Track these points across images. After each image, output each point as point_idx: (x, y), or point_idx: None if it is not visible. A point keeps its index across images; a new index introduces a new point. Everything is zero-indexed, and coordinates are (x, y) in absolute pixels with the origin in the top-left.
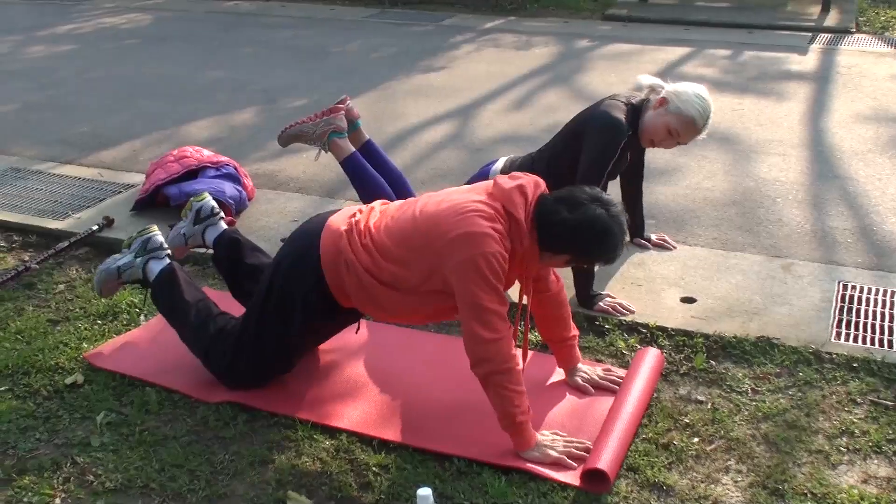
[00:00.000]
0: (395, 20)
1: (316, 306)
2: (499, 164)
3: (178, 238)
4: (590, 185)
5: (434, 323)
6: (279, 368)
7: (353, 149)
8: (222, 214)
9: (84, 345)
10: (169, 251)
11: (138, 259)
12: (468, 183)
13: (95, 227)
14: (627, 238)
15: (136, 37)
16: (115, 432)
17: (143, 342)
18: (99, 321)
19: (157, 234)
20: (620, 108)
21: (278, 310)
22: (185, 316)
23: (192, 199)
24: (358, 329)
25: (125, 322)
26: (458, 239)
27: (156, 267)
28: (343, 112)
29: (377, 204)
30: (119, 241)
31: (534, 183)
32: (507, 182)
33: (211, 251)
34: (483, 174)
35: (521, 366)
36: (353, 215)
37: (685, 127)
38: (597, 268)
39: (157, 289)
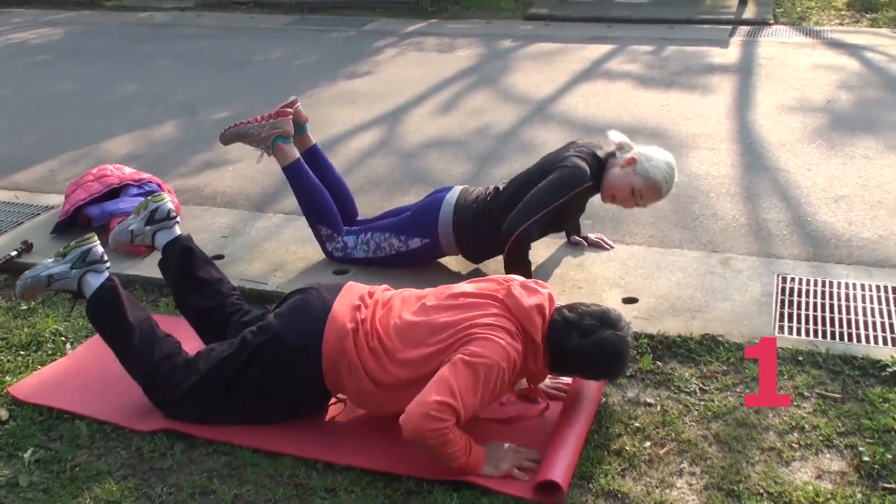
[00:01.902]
0: (315, 27)
1: (306, 394)
2: (452, 194)
3: (125, 234)
4: (533, 210)
5: None
6: (235, 423)
7: (297, 155)
8: (178, 220)
9: (7, 378)
10: (109, 264)
11: (74, 270)
12: (416, 208)
13: (14, 253)
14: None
15: (46, 52)
16: (45, 470)
17: (71, 372)
18: (22, 352)
19: (97, 245)
20: (586, 159)
21: (262, 381)
22: (128, 339)
23: (149, 198)
24: (346, 404)
25: (50, 352)
26: (480, 339)
27: (94, 281)
28: (291, 115)
29: (379, 294)
30: None
31: (548, 299)
32: (524, 297)
33: (149, 251)
34: (435, 202)
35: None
36: (358, 308)
37: (649, 190)
38: (533, 268)
39: (97, 306)
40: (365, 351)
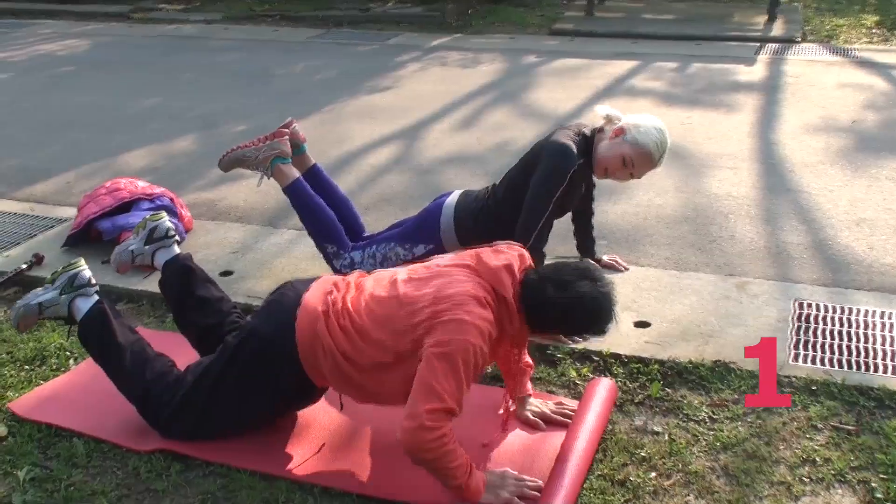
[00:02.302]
0: (340, 40)
1: (288, 387)
2: (453, 198)
3: (126, 255)
4: (539, 213)
5: None
6: (227, 433)
7: (297, 175)
8: (177, 238)
9: (9, 393)
10: (97, 287)
11: (63, 296)
12: (419, 216)
13: (24, 266)
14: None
15: (72, 64)
16: (40, 489)
17: (72, 389)
18: (26, 367)
19: (85, 270)
20: (571, 137)
21: (243, 382)
22: (119, 360)
23: (147, 217)
24: (342, 406)
25: (54, 367)
26: (447, 322)
27: (83, 305)
28: (287, 136)
29: (353, 278)
30: None
31: (518, 257)
32: (492, 259)
33: (151, 272)
34: (436, 207)
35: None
36: (330, 292)
37: (641, 158)
38: None
39: (87, 329)
40: (336, 331)
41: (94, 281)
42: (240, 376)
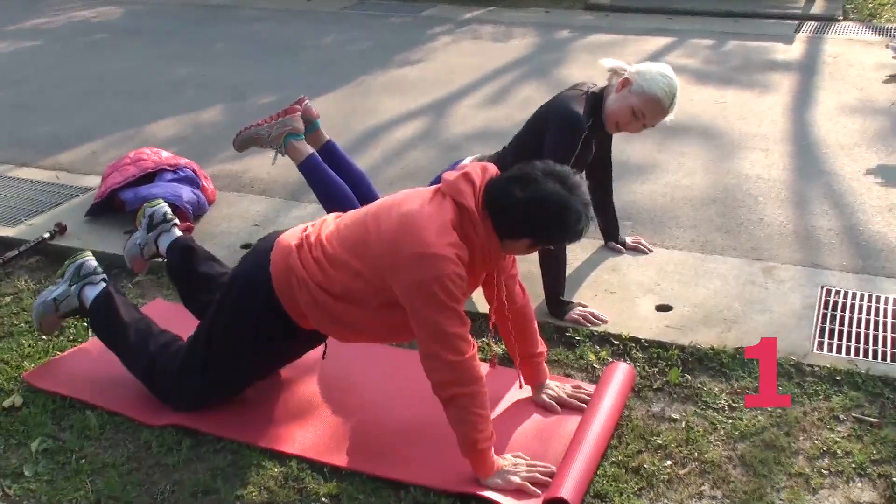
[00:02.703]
0: (373, 12)
1: (271, 329)
2: (465, 163)
3: (135, 248)
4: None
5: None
6: (227, 393)
7: (310, 151)
8: (176, 220)
9: (26, 363)
10: (104, 275)
11: (73, 287)
12: (432, 183)
13: (47, 235)
14: (593, 219)
15: (105, 31)
16: (51, 460)
17: (88, 359)
18: (44, 336)
19: (90, 259)
20: (579, 98)
21: (229, 333)
22: (125, 338)
23: (145, 205)
24: (325, 354)
25: (72, 337)
26: (409, 259)
27: (91, 293)
28: (299, 113)
29: (331, 216)
30: (72, 249)
31: (481, 168)
32: (452, 174)
33: (165, 259)
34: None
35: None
36: (305, 229)
37: (650, 107)
38: (567, 272)
39: (94, 314)
40: (310, 262)
41: (100, 269)
42: (226, 326)
